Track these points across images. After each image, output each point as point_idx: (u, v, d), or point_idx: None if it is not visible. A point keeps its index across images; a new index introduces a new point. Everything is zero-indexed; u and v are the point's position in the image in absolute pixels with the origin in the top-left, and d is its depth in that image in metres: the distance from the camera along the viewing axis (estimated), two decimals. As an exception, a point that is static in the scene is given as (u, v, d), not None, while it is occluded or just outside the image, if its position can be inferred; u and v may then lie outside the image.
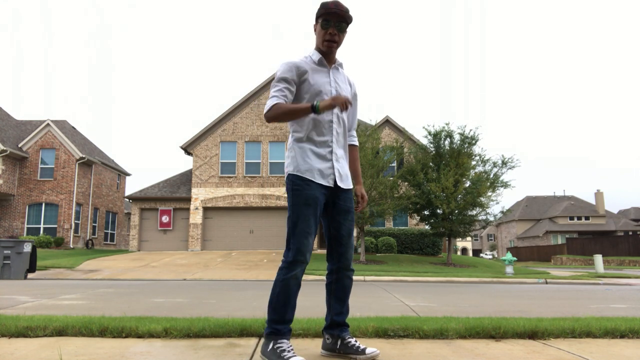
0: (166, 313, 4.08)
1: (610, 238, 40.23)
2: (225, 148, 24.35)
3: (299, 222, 2.29)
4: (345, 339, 2.40)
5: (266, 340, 2.26)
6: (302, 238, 2.28)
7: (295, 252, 2.27)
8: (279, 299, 2.27)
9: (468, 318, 3.41)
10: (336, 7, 2.33)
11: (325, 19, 2.35)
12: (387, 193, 16.58)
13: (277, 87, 2.35)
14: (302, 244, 2.28)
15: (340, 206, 2.46)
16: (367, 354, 2.33)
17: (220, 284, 9.89)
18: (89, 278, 11.70)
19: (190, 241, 23.30)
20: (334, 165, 2.42)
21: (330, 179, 2.40)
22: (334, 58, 2.49)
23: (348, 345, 2.38)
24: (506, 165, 17.30)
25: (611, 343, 2.84)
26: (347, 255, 2.48)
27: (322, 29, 2.38)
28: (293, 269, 2.28)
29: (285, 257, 2.32)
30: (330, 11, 2.33)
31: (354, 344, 2.38)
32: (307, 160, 2.36)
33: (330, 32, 2.37)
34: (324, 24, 2.37)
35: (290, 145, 2.44)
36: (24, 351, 2.45)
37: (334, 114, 2.43)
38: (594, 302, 6.28)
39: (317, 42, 2.45)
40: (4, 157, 22.75)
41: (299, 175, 2.34)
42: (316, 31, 2.44)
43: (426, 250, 21.80)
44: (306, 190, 2.32)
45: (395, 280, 11.58)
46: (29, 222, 23.87)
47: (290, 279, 2.27)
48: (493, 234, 74.29)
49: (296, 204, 2.31)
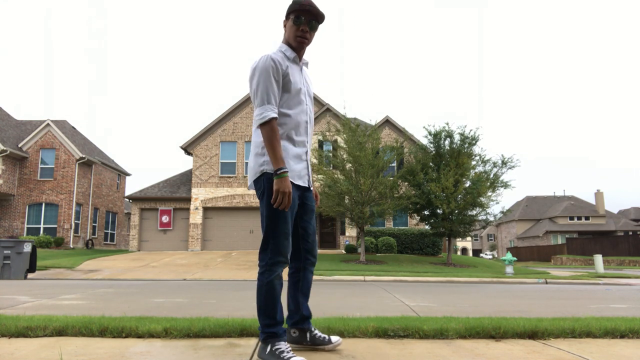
0: (166, 313, 4.08)
1: (610, 238, 40.23)
2: (225, 148, 24.35)
3: (279, 223, 2.26)
4: (312, 331, 2.51)
5: (263, 345, 2.26)
6: (282, 239, 2.26)
7: (277, 253, 2.26)
8: (268, 302, 2.26)
9: (468, 318, 3.41)
10: (310, 4, 2.33)
11: (297, 15, 2.35)
12: (387, 193, 16.58)
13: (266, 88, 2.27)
14: (283, 245, 2.27)
15: (308, 206, 2.49)
16: (333, 343, 2.52)
17: (220, 284, 9.89)
18: (89, 278, 11.70)
19: (190, 241, 23.31)
20: (308, 166, 2.47)
21: (305, 180, 2.42)
22: (302, 55, 2.49)
23: (315, 337, 2.50)
24: (506, 165, 17.30)
25: (611, 343, 2.84)
26: (313, 252, 2.53)
27: (293, 24, 2.36)
28: (275, 270, 2.27)
29: (263, 260, 2.28)
30: (303, 8, 2.32)
31: (320, 335, 2.52)
32: (288, 161, 2.33)
33: (302, 29, 2.36)
34: (295, 20, 2.35)
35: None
36: (24, 351, 2.45)
37: (307, 115, 2.44)
38: (594, 302, 6.28)
39: (287, 37, 2.43)
40: (4, 157, 22.76)
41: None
42: (286, 27, 2.43)
43: (426, 250, 21.80)
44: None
45: (395, 280, 11.58)
46: (29, 222, 23.87)
47: (274, 279, 2.27)
48: (493, 234, 74.29)
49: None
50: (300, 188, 2.42)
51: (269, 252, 2.27)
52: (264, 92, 2.28)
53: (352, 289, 8.20)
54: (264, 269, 2.28)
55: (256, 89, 2.30)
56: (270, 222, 2.27)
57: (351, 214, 16.68)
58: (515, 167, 17.45)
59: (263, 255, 2.29)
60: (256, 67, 2.31)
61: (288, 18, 2.40)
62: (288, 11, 2.40)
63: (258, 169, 2.33)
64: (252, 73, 2.34)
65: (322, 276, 12.08)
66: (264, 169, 2.30)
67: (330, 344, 2.51)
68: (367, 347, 2.63)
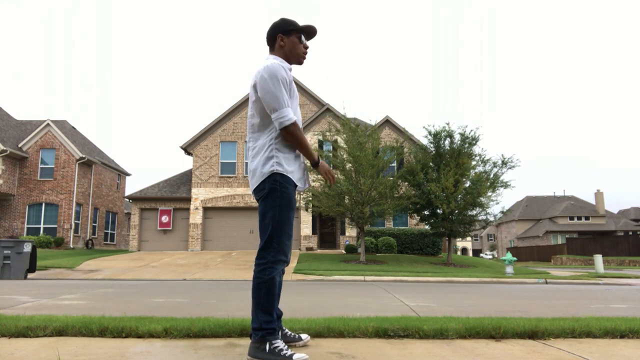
0: (166, 313, 4.07)
1: (610, 238, 40.23)
2: (225, 148, 24.36)
3: (286, 224, 2.35)
4: (283, 329, 2.60)
5: (260, 344, 2.26)
6: (286, 239, 2.35)
7: (280, 252, 2.34)
8: (268, 298, 2.30)
9: (468, 318, 3.41)
10: (316, 29, 2.54)
11: (304, 36, 2.53)
12: (387, 193, 16.58)
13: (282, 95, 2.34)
14: (286, 245, 2.36)
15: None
16: (303, 340, 2.64)
17: (220, 284, 9.89)
18: (89, 278, 11.70)
19: (190, 241, 23.31)
20: (305, 170, 2.53)
21: (302, 181, 2.49)
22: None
23: (287, 335, 2.60)
24: (506, 165, 17.30)
25: (611, 343, 2.84)
26: (289, 253, 2.57)
27: (300, 42, 2.52)
28: (277, 267, 2.33)
29: (265, 258, 2.32)
30: (313, 31, 2.53)
31: (291, 333, 2.63)
32: (291, 162, 2.42)
33: (306, 48, 2.55)
34: (303, 40, 2.53)
35: (271, 143, 2.40)
36: (24, 351, 2.45)
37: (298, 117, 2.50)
38: (594, 302, 6.28)
39: (285, 53, 2.52)
40: (4, 157, 22.76)
41: (286, 177, 2.37)
42: (284, 42, 2.51)
43: (426, 250, 21.80)
44: (291, 192, 2.40)
45: (395, 280, 11.58)
46: (29, 222, 23.87)
47: (276, 276, 2.33)
48: (493, 234, 74.29)
49: (283, 206, 2.35)
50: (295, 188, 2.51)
51: (272, 250, 2.32)
52: (279, 96, 2.34)
53: (352, 289, 8.20)
54: (265, 267, 2.31)
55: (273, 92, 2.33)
56: (278, 222, 2.33)
57: (351, 214, 16.68)
58: (515, 167, 17.45)
59: (265, 253, 2.33)
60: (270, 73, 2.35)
61: (290, 35, 2.50)
62: (290, 29, 2.50)
63: (268, 169, 2.37)
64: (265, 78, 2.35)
65: (322, 276, 12.07)
66: (274, 169, 2.35)
67: (301, 340, 2.63)
68: (367, 347, 2.63)
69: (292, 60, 2.53)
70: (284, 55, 2.52)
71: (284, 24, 2.51)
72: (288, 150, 2.41)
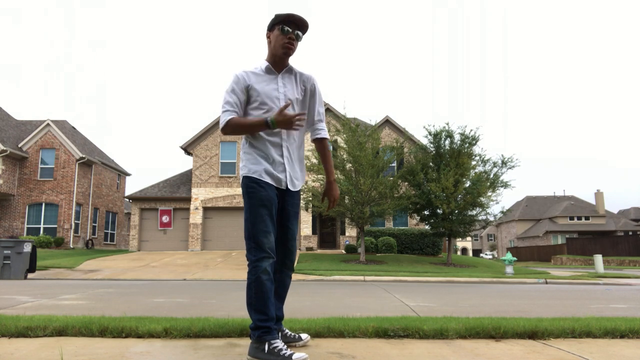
0: (166, 313, 4.07)
1: (610, 238, 40.22)
2: (225, 148, 24.35)
3: (259, 222, 2.37)
4: (283, 330, 2.60)
5: (258, 344, 2.26)
6: (261, 236, 2.35)
7: (259, 249, 2.36)
8: (258, 297, 2.31)
9: (468, 318, 3.41)
10: (295, 15, 2.46)
11: (285, 25, 2.46)
12: (387, 193, 16.58)
13: (226, 99, 2.49)
14: (263, 242, 2.36)
15: (289, 211, 2.56)
16: (303, 340, 2.64)
17: (220, 284, 9.89)
18: (89, 278, 11.70)
19: (190, 241, 23.31)
20: (286, 168, 2.50)
21: (279, 181, 2.48)
22: (286, 64, 2.56)
23: (287, 335, 2.60)
24: (506, 165, 17.29)
25: (611, 343, 2.84)
26: (291, 257, 2.60)
27: (281, 33, 2.47)
28: (261, 265, 2.35)
29: (249, 259, 2.39)
30: (290, 19, 2.45)
31: (291, 333, 2.63)
32: (255, 160, 2.47)
33: (290, 37, 2.47)
34: (283, 29, 2.46)
35: (242, 147, 2.55)
36: (24, 351, 2.45)
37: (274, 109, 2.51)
38: (594, 302, 6.28)
39: (272, 48, 2.53)
40: (4, 157, 22.75)
41: (252, 177, 2.44)
42: (270, 38, 2.52)
43: (426, 250, 21.80)
44: (261, 190, 2.41)
45: (395, 280, 11.58)
46: (29, 222, 23.86)
47: (261, 274, 2.32)
48: (493, 234, 74.27)
49: (253, 205, 2.41)
50: (280, 190, 2.49)
51: (252, 250, 2.36)
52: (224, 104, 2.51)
53: (352, 289, 8.20)
54: (250, 267, 2.36)
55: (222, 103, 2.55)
56: (251, 222, 2.38)
57: (351, 214, 16.68)
58: (515, 167, 17.44)
59: (248, 254, 2.39)
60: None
61: (273, 29, 2.51)
62: (272, 23, 2.50)
63: (240, 175, 2.52)
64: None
65: (322, 276, 12.07)
66: (242, 173, 2.49)
67: (301, 340, 2.63)
68: (367, 347, 2.63)
69: (278, 52, 2.49)
70: (270, 50, 2.54)
71: (270, 22, 2.53)
72: (251, 149, 2.49)
